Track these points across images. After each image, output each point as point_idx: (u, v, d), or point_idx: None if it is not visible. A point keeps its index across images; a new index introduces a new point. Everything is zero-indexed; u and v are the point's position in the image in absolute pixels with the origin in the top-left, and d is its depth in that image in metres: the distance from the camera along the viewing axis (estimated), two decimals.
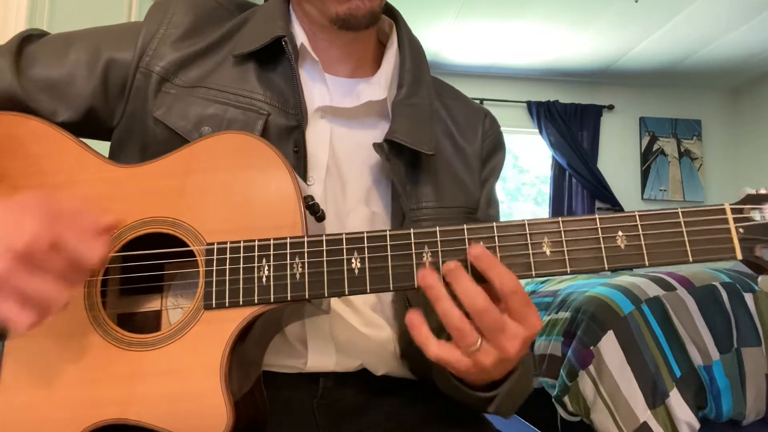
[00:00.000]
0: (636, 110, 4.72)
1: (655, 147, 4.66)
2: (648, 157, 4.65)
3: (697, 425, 1.69)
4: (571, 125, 4.52)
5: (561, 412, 1.91)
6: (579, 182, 4.49)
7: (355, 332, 0.68)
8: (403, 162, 0.71)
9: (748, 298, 1.91)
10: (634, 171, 4.65)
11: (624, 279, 2.07)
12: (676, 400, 1.69)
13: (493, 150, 0.82)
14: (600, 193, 4.45)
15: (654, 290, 1.90)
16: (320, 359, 0.67)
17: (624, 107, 4.71)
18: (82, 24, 0.76)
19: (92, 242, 0.51)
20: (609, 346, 1.77)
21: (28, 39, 0.70)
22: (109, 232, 0.54)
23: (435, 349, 0.51)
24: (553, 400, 1.93)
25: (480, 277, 0.51)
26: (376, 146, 0.68)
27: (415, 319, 0.51)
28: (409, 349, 0.71)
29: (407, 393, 0.72)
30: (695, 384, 1.75)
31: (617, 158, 4.63)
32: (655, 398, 1.69)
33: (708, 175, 4.67)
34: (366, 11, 0.67)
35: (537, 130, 4.54)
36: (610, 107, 4.68)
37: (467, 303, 0.50)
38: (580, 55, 4.22)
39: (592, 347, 1.80)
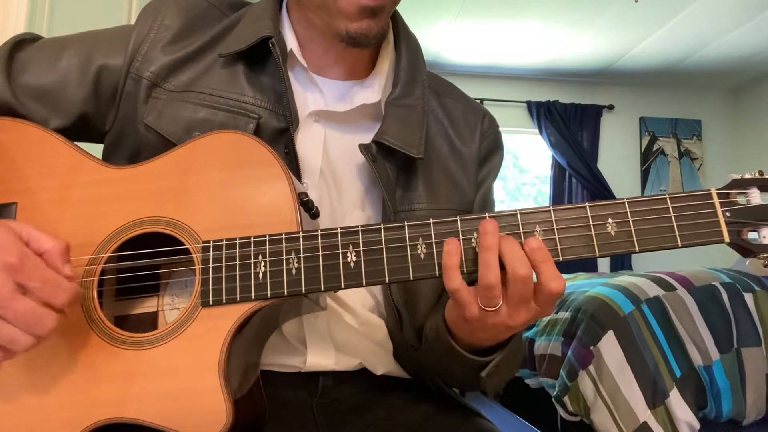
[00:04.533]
0: (636, 110, 4.71)
1: (655, 147, 4.66)
2: (648, 157, 4.65)
3: (697, 425, 1.69)
4: (571, 125, 4.52)
5: (561, 412, 1.90)
6: (579, 182, 4.49)
7: (353, 332, 0.68)
8: (395, 163, 0.70)
9: (748, 298, 1.91)
10: (634, 171, 4.65)
11: (624, 279, 2.06)
12: (676, 400, 1.68)
13: (491, 151, 0.80)
14: (600, 193, 4.44)
15: (654, 290, 1.90)
16: (320, 358, 0.67)
17: (624, 107, 4.71)
18: (81, 24, 0.75)
19: (58, 285, 0.49)
20: (609, 346, 1.76)
21: (20, 44, 0.70)
22: (74, 273, 0.52)
23: (458, 281, 0.52)
24: (553, 400, 1.93)
25: None
26: (362, 147, 0.67)
27: (454, 247, 0.53)
28: (398, 346, 0.71)
29: (407, 392, 0.72)
30: (695, 384, 1.74)
31: (617, 158, 4.63)
32: (655, 398, 1.68)
33: (708, 175, 4.67)
34: (377, 32, 0.66)
35: (537, 130, 4.54)
36: (610, 107, 4.68)
37: (512, 266, 0.51)
38: (580, 55, 4.22)
39: (592, 347, 1.79)
